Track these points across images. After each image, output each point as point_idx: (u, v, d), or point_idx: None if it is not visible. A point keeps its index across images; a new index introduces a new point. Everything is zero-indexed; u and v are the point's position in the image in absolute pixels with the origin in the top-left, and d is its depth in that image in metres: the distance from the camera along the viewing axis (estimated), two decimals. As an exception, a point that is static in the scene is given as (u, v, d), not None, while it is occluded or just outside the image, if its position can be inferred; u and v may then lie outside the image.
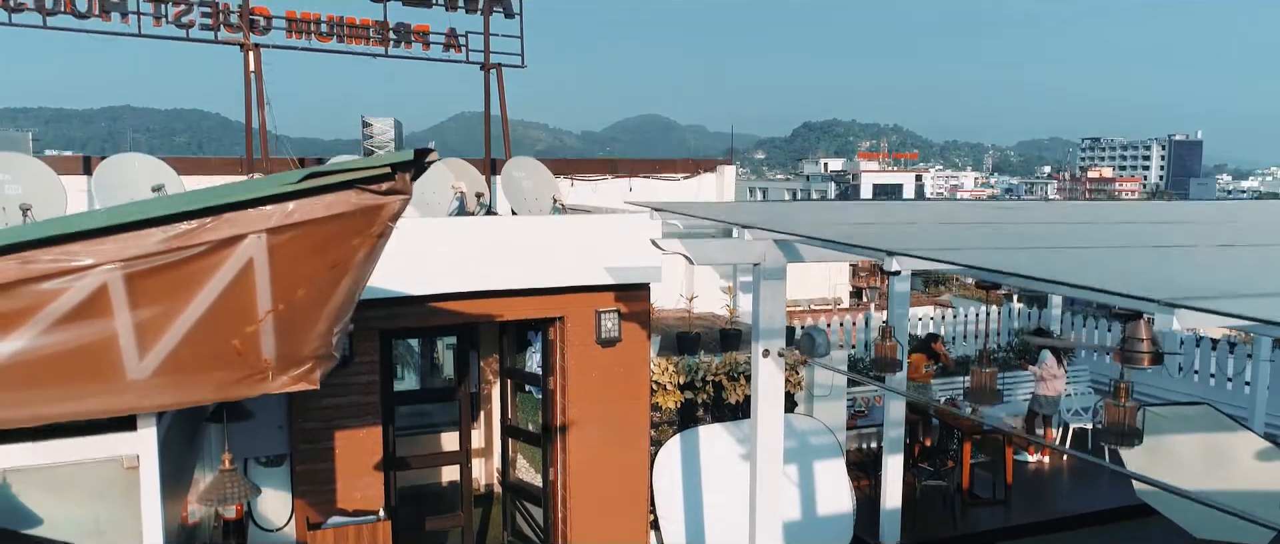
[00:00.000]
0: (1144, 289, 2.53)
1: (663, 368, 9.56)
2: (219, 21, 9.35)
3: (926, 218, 5.58)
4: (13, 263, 3.41)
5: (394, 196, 3.75)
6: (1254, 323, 2.38)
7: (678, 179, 13.47)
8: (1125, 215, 6.13)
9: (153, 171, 8.32)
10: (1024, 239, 4.45)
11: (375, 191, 3.71)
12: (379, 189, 3.71)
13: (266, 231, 3.62)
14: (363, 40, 10.44)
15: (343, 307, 4.00)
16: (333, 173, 3.62)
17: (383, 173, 3.68)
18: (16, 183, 7.72)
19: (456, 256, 8.15)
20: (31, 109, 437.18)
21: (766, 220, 5.36)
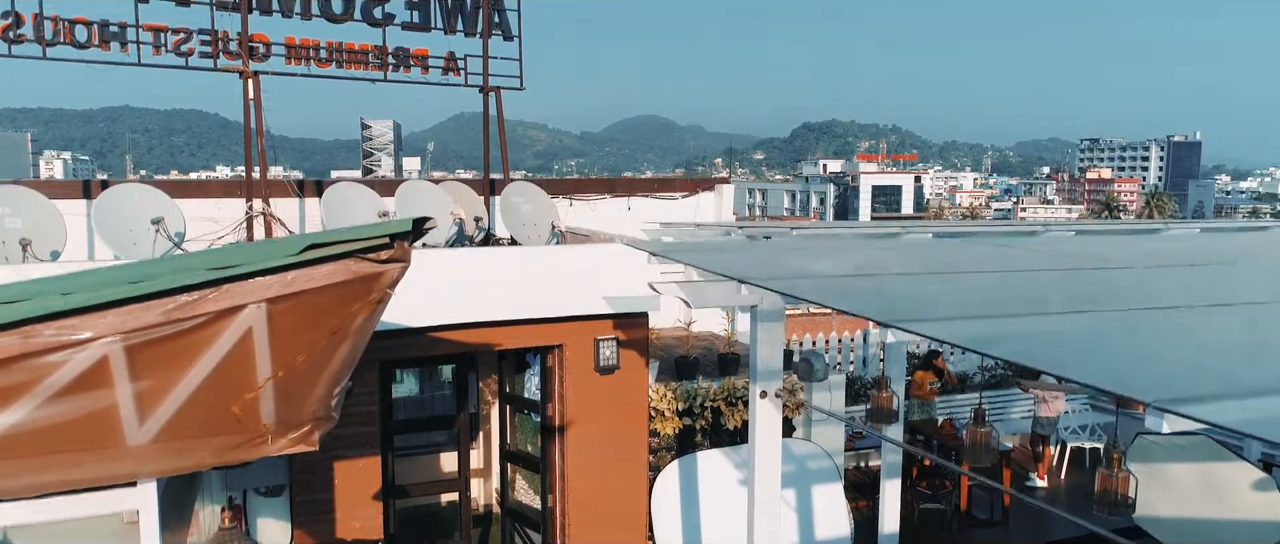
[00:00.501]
0: (1138, 389, 2.55)
1: (661, 394, 9.58)
2: (218, 49, 9.36)
3: (922, 264, 5.60)
4: (14, 338, 3.43)
5: (393, 265, 3.77)
6: (1246, 436, 2.41)
7: (676, 198, 13.50)
8: (1118, 255, 6.15)
9: (152, 202, 8.34)
10: (1019, 297, 4.47)
11: (374, 260, 3.73)
12: (378, 257, 3.73)
13: (266, 301, 3.64)
14: (362, 65, 10.45)
15: (341, 371, 4.02)
16: (333, 243, 3.65)
17: (382, 242, 3.71)
18: (16, 216, 7.73)
19: (456, 287, 8.17)
20: (31, 109, 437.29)
21: (763, 269, 5.39)
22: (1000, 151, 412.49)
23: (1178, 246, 7.23)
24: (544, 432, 9.41)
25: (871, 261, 5.75)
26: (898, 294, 4.29)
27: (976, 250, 6.34)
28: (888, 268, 5.38)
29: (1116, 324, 3.76)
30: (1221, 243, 7.05)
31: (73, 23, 8.65)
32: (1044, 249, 6.77)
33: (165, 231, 8.08)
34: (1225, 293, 4.61)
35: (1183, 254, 6.50)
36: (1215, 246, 7.12)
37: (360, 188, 9.78)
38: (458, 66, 11.06)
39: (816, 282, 4.79)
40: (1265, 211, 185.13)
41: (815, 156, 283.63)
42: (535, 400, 9.56)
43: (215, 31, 9.35)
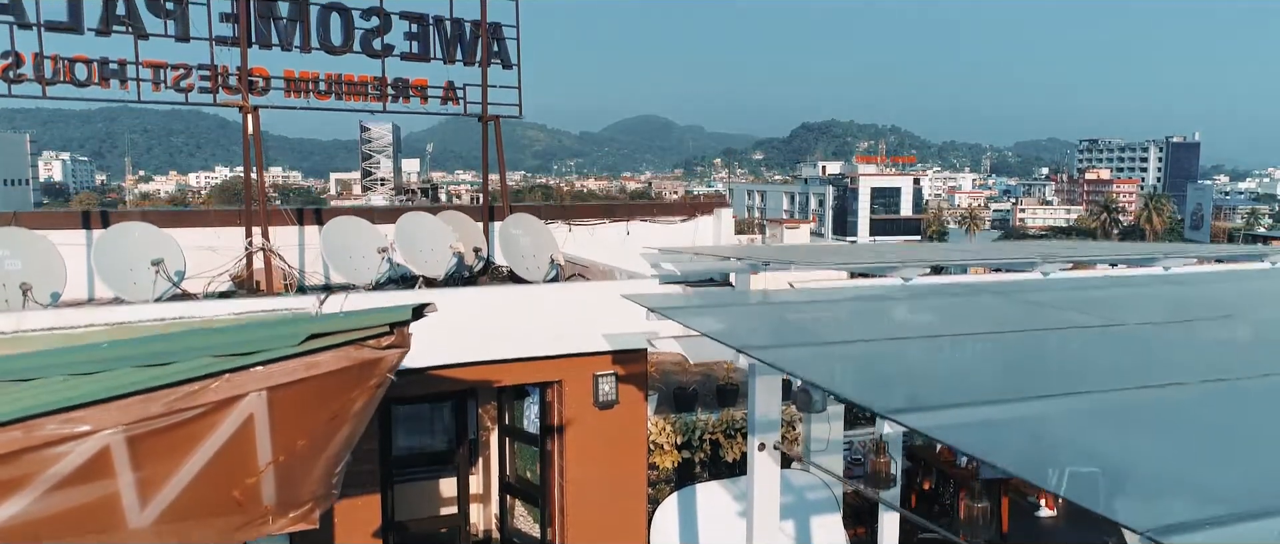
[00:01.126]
0: (1128, 517, 2.58)
1: (660, 428, 9.60)
2: (218, 84, 9.38)
3: (920, 324, 5.62)
4: (18, 432, 3.45)
5: (393, 350, 3.79)
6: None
7: (675, 222, 13.51)
8: (1107, 313, 6.16)
9: (152, 241, 8.36)
10: (1009, 365, 4.50)
11: (375, 346, 3.76)
12: (379, 344, 3.75)
13: (267, 389, 3.66)
14: (361, 96, 10.46)
15: (341, 451, 4.04)
16: (334, 333, 3.67)
17: (381, 330, 3.73)
18: (16, 257, 7.75)
19: (456, 327, 8.18)
20: (29, 109, 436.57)
21: (760, 332, 5.41)
22: (999, 152, 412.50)
23: (1170, 297, 7.22)
24: (543, 463, 9.44)
25: (873, 320, 5.77)
26: (896, 371, 4.31)
27: (988, 306, 6.35)
28: (888, 331, 5.39)
29: (1098, 412, 3.79)
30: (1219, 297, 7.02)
31: (72, 61, 8.67)
32: (1046, 299, 6.78)
33: (165, 272, 8.10)
34: (1224, 351, 4.62)
35: (1176, 303, 6.51)
36: (1212, 293, 7.12)
37: (359, 222, 9.79)
38: (457, 96, 11.07)
39: (814, 351, 4.81)
40: (1264, 212, 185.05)
41: (814, 157, 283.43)
42: (534, 433, 9.59)
43: (214, 66, 9.36)
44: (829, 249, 11.38)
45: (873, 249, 11.56)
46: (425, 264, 9.86)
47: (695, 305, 6.23)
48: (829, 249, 11.38)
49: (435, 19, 10.77)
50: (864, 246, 12.44)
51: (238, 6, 9.34)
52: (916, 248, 11.96)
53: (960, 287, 7.08)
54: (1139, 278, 8.76)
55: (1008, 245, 14.48)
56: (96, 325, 7.00)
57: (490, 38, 11.11)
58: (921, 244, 13.38)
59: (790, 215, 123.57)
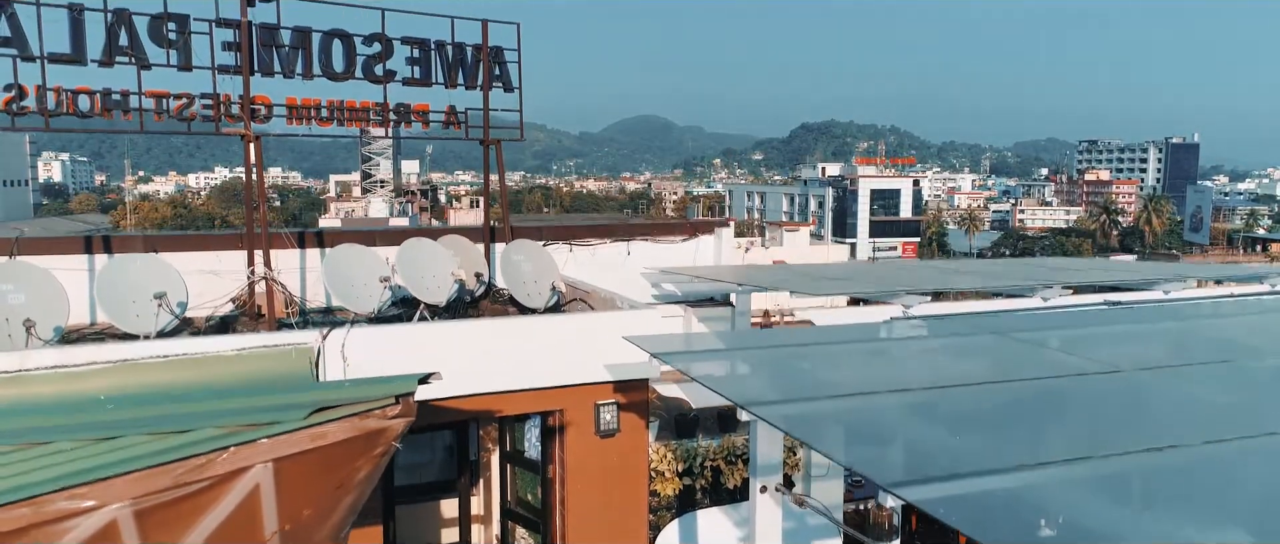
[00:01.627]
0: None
1: (661, 455, 9.62)
2: (220, 113, 9.40)
3: (920, 372, 5.64)
4: (26, 509, 3.48)
5: (399, 419, 3.82)
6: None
7: (676, 242, 13.53)
8: (1105, 354, 6.17)
9: (154, 273, 8.38)
10: (1008, 423, 4.51)
11: (380, 416, 3.78)
12: (385, 414, 3.78)
13: (273, 461, 3.69)
14: (363, 122, 10.49)
15: (346, 518, 4.07)
16: (340, 406, 3.70)
17: (387, 402, 3.76)
18: (20, 291, 7.77)
19: (458, 360, 8.21)
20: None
21: (764, 380, 5.43)
22: (998, 152, 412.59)
23: (1170, 341, 7.23)
24: (545, 490, 9.46)
25: (873, 365, 5.80)
26: (896, 429, 4.33)
27: (990, 352, 6.37)
28: (888, 378, 5.42)
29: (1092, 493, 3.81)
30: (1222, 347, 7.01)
31: (76, 93, 8.69)
32: (1044, 338, 6.81)
33: (168, 306, 8.12)
34: (1227, 411, 4.63)
35: (1174, 347, 6.52)
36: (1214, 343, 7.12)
37: (361, 250, 9.81)
38: (458, 120, 11.09)
39: (814, 406, 4.84)
40: (1263, 213, 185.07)
41: (814, 158, 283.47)
42: (535, 460, 9.61)
43: (217, 95, 9.38)
44: (824, 273, 11.42)
45: (868, 272, 11.60)
46: (427, 290, 9.89)
47: (697, 350, 6.25)
48: (824, 273, 11.42)
49: (437, 44, 10.79)
50: (859, 269, 12.48)
51: (240, 35, 9.36)
52: (914, 269, 11.99)
53: (959, 322, 7.09)
54: (1137, 310, 8.78)
55: (1007, 265, 14.49)
56: (99, 364, 7.02)
57: (491, 62, 11.13)
58: (918, 263, 13.34)
59: (790, 217, 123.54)
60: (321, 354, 7.74)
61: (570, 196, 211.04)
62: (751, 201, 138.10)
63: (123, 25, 8.73)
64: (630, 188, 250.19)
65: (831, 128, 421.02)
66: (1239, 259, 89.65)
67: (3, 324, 7.60)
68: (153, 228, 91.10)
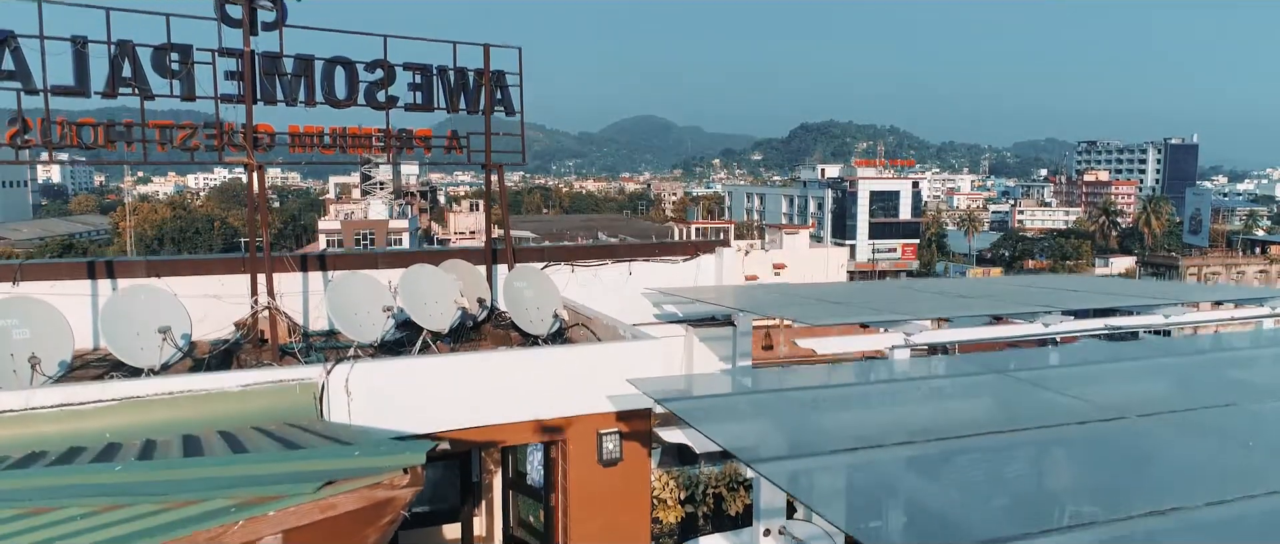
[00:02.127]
0: None
1: (664, 483, 9.66)
2: (223, 142, 9.41)
3: (923, 422, 5.66)
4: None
5: (407, 489, 3.85)
6: None
7: (678, 262, 13.57)
8: (1108, 395, 6.18)
9: (158, 305, 8.40)
10: (1011, 479, 4.53)
11: (389, 485, 3.81)
12: (394, 483, 3.81)
13: (282, 533, 3.71)
14: (365, 148, 10.51)
15: (355, 584, 4.09)
16: (349, 479, 3.72)
17: (395, 472, 3.78)
18: (25, 326, 7.79)
19: (461, 393, 8.25)
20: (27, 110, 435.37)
21: (770, 432, 5.45)
22: (998, 152, 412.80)
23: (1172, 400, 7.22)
24: (547, 517, 9.49)
25: (876, 412, 5.82)
26: (901, 489, 4.35)
27: (980, 387, 6.39)
28: (891, 429, 5.44)
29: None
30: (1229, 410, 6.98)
31: (78, 125, 8.70)
32: (1045, 376, 6.82)
33: (172, 339, 8.14)
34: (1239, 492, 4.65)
35: (1179, 411, 6.53)
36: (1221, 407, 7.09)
37: (364, 278, 9.83)
38: (460, 145, 11.11)
39: (819, 461, 4.86)
40: (1263, 214, 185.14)
41: (813, 159, 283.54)
42: (538, 487, 9.64)
43: (220, 124, 9.39)
44: (825, 295, 11.45)
45: (867, 295, 11.64)
46: (429, 318, 9.91)
47: (699, 396, 6.27)
48: (825, 295, 11.45)
49: (439, 69, 10.80)
50: (858, 291, 12.53)
51: (243, 65, 9.37)
52: (914, 292, 12.02)
53: (962, 360, 7.11)
54: (1138, 345, 8.81)
55: (1006, 284, 14.52)
56: (105, 401, 7.04)
57: (493, 86, 11.15)
58: (918, 284, 13.33)
59: (789, 219, 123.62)
60: (326, 389, 7.77)
61: (569, 197, 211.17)
62: (751, 203, 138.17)
63: (126, 57, 8.74)
64: (629, 188, 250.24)
65: (831, 128, 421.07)
66: (1238, 261, 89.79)
67: (8, 360, 7.62)
68: (152, 230, 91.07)
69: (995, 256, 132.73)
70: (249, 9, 9.30)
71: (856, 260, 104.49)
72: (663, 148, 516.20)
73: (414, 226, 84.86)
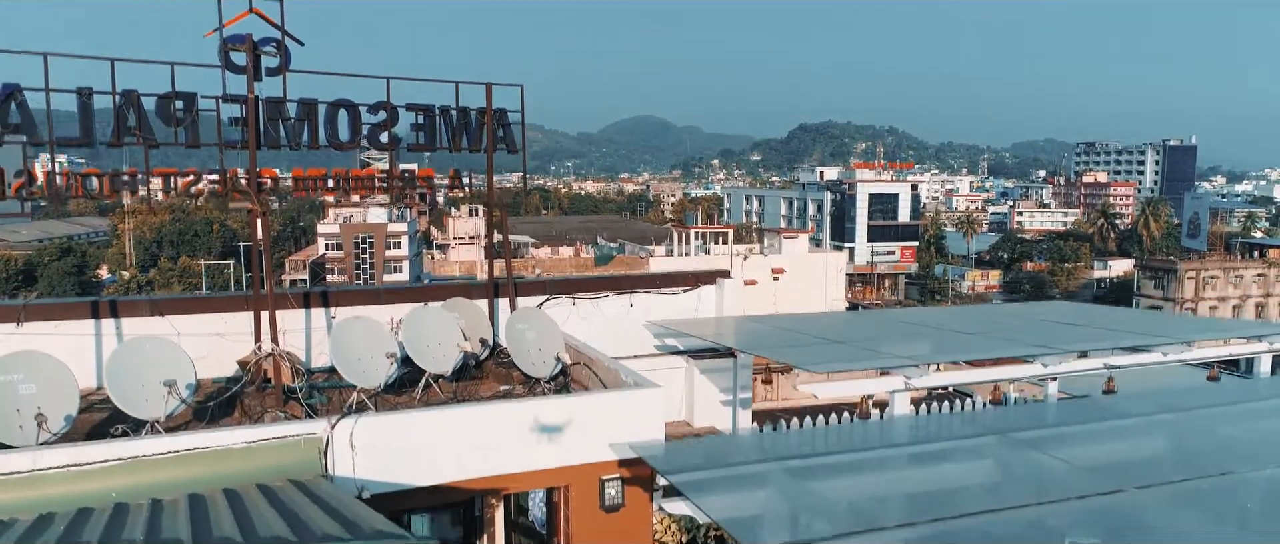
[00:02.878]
0: None
1: (666, 526, 9.71)
2: (227, 188, 9.46)
3: (925, 501, 5.71)
4: None
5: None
6: None
7: (678, 293, 13.62)
8: (1108, 461, 6.23)
9: (162, 356, 8.44)
10: None
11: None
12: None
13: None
14: (369, 191, 10.56)
15: None
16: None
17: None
18: (30, 381, 7.83)
19: (465, 444, 8.30)
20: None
21: (778, 497, 5.50)
22: (996, 153, 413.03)
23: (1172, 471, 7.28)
24: (549, 561, 9.55)
25: (877, 484, 5.86)
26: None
27: (981, 451, 6.44)
28: (893, 508, 5.50)
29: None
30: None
31: (84, 176, 8.75)
32: (1044, 436, 6.88)
33: (176, 392, 8.19)
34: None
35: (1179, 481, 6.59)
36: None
37: (368, 323, 9.87)
38: (463, 184, 11.16)
39: None
40: (1261, 215, 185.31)
41: (812, 159, 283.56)
42: (541, 532, 9.70)
43: (224, 171, 9.44)
44: (823, 332, 11.52)
45: (866, 330, 11.71)
46: (432, 360, 9.97)
47: (700, 468, 6.31)
48: (823, 332, 11.52)
49: (441, 109, 10.85)
50: (856, 325, 12.62)
51: (247, 111, 9.41)
52: (912, 326, 12.08)
53: (962, 421, 7.16)
54: (1139, 399, 8.85)
55: (1004, 315, 14.60)
56: (111, 461, 7.09)
57: (496, 124, 11.19)
58: (917, 316, 13.35)
59: (788, 221, 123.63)
60: (330, 443, 7.82)
61: (568, 198, 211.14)
62: (750, 205, 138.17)
63: (131, 107, 8.78)
64: (628, 189, 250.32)
65: (829, 128, 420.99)
66: (1236, 265, 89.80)
67: (14, 414, 7.66)
68: (151, 233, 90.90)
69: (994, 259, 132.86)
70: (253, 56, 9.35)
71: (855, 263, 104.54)
72: (661, 148, 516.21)
73: (413, 230, 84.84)
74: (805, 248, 79.56)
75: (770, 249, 77.93)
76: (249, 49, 9.32)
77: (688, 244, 74.53)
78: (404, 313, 11.95)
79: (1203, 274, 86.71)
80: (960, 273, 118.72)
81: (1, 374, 7.78)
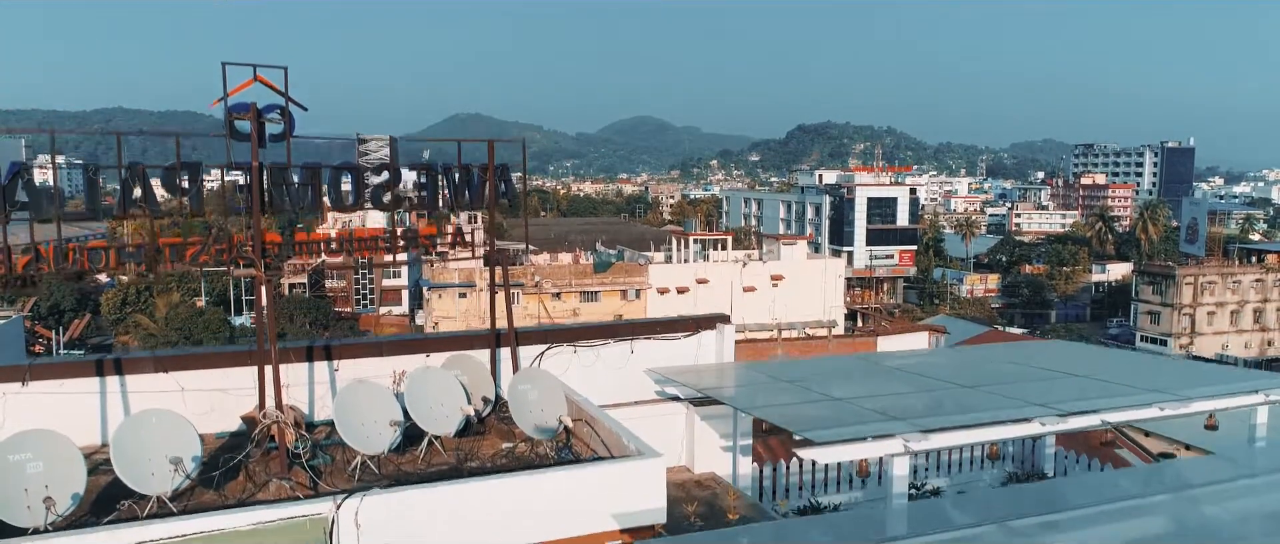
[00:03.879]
0: None
1: (667, 590, 9.77)
2: (231, 256, 9.52)
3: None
4: None
5: None
6: None
7: (678, 338, 13.69)
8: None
9: (170, 432, 8.51)
10: None
11: None
12: None
13: None
14: (372, 251, 10.63)
15: None
16: None
17: None
18: (38, 459, 7.90)
19: (468, 520, 8.38)
20: (25, 110, 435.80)
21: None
22: (995, 153, 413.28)
23: None
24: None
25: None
26: None
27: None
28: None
29: None
30: None
31: (90, 249, 8.82)
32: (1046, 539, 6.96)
33: (182, 469, 8.26)
34: None
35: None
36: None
37: (371, 387, 9.94)
38: (465, 241, 11.24)
39: None
40: (1259, 217, 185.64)
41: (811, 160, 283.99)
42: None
43: (229, 237, 9.51)
44: (823, 386, 11.61)
45: (870, 386, 11.80)
46: (435, 423, 10.05)
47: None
48: (823, 386, 11.61)
49: (444, 168, 10.94)
50: (859, 376, 12.72)
51: (251, 178, 9.47)
52: (915, 382, 12.17)
53: (960, 512, 7.24)
54: (1133, 479, 8.93)
55: (1005, 362, 14.71)
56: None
57: (497, 179, 11.26)
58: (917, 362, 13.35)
59: (787, 225, 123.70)
60: (335, 524, 7.90)
61: (567, 200, 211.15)
62: (748, 208, 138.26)
63: (137, 180, 8.85)
64: (627, 191, 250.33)
65: (828, 129, 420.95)
66: (1234, 270, 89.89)
67: (21, 495, 7.73)
68: (149, 236, 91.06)
69: (992, 262, 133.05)
70: (257, 124, 9.41)
71: (854, 267, 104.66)
72: (660, 148, 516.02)
73: (411, 231, 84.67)
74: (804, 254, 79.74)
75: (769, 255, 78.07)
76: (253, 117, 9.39)
77: (687, 250, 74.69)
78: (406, 364, 12.07)
79: (1201, 280, 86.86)
80: (959, 277, 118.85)
81: (9, 454, 7.86)
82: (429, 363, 11.68)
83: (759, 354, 53.89)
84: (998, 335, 69.85)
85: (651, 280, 67.94)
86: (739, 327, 60.05)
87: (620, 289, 68.56)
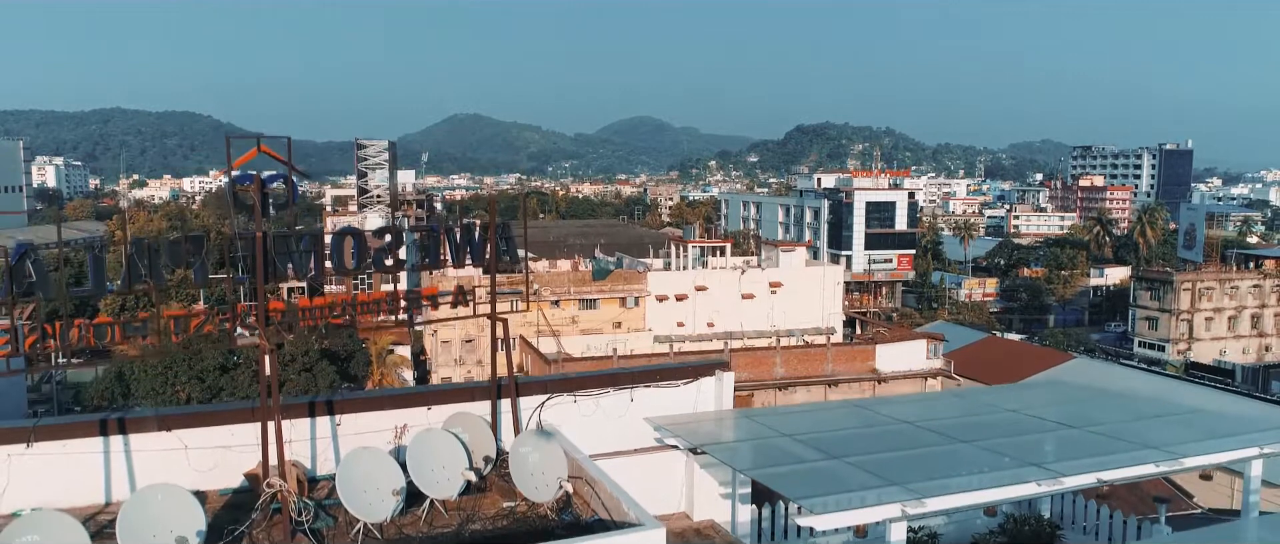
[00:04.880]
0: None
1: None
2: (235, 324, 9.62)
3: None
4: None
5: None
6: None
7: (678, 386, 13.79)
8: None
9: (176, 509, 8.60)
10: None
11: None
12: None
13: None
14: (375, 314, 10.72)
15: None
16: None
17: None
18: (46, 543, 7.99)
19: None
20: (24, 110, 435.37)
21: None
22: (993, 154, 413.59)
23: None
24: None
25: None
26: None
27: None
28: None
29: None
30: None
31: (95, 324, 8.90)
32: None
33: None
34: None
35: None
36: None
37: (376, 456, 10.03)
38: (466, 300, 11.33)
39: None
40: (1257, 219, 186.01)
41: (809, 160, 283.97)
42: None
43: (233, 307, 9.60)
44: (825, 444, 11.73)
45: (871, 445, 11.92)
46: (437, 486, 10.14)
47: None
48: (825, 444, 11.73)
49: (446, 229, 11.03)
50: (859, 436, 12.83)
51: (255, 248, 9.56)
52: (916, 439, 12.27)
53: None
54: None
55: (1000, 411, 14.78)
56: (126, 636, 7.25)
57: (500, 237, 11.35)
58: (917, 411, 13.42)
59: (786, 229, 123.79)
60: (339, 605, 7.99)
61: (566, 201, 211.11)
62: (747, 211, 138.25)
63: (143, 256, 8.93)
64: (625, 192, 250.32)
65: (826, 130, 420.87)
66: (1232, 276, 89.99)
67: (30, 579, 7.83)
68: (147, 237, 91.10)
69: (990, 265, 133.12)
70: (260, 195, 9.50)
71: (852, 271, 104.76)
72: (659, 149, 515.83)
73: (411, 237, 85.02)
74: (803, 260, 79.71)
75: (768, 262, 78.05)
76: (256, 189, 9.48)
77: (686, 256, 74.73)
78: (407, 417, 12.16)
79: (1199, 286, 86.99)
80: (957, 281, 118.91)
81: (16, 537, 7.94)
82: (430, 418, 11.78)
83: (758, 363, 53.77)
84: (995, 342, 70.02)
85: (650, 288, 67.97)
86: (738, 334, 59.73)
87: (619, 297, 68.60)
